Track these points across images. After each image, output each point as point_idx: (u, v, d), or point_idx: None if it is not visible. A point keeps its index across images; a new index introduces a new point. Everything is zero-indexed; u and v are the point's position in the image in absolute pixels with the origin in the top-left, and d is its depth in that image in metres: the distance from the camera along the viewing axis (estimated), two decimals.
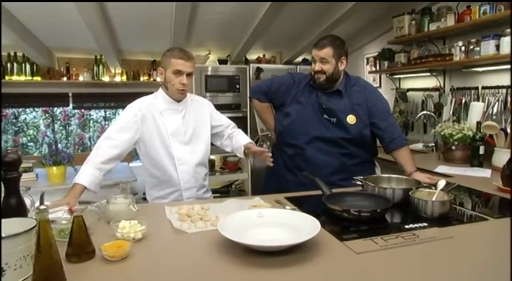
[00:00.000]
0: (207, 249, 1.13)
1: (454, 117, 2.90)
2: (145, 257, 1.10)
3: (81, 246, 1.06)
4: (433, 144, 3.02)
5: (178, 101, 1.87)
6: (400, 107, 3.57)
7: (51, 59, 4.15)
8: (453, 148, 2.43)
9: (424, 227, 1.24)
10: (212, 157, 4.58)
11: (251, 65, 4.31)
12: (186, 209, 1.50)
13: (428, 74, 3.20)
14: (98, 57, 4.24)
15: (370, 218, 1.30)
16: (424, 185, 1.59)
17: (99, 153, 1.74)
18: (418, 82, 3.46)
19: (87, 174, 1.67)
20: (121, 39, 3.94)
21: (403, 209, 1.44)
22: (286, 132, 2.09)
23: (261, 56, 4.71)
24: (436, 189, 1.44)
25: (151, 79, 4.47)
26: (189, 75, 1.79)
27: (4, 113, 4.94)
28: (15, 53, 3.90)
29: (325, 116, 1.99)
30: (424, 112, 3.19)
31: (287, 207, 1.47)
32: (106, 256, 1.05)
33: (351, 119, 1.97)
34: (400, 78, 3.67)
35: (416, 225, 1.25)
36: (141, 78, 4.51)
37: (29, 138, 5.32)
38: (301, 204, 1.55)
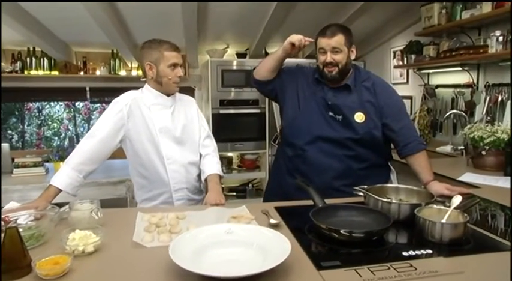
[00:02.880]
0: (162, 269, 0.96)
1: (488, 118, 2.56)
2: (88, 275, 0.96)
3: (14, 261, 0.93)
4: (463, 147, 2.68)
5: (168, 95, 1.74)
6: (428, 105, 3.23)
7: (68, 53, 4.16)
8: (483, 153, 2.12)
9: (428, 255, 1.01)
10: (230, 154, 4.46)
11: None
12: (159, 217, 1.35)
13: (460, 68, 2.85)
14: (115, 51, 4.20)
15: (363, 239, 1.09)
16: (438, 200, 1.33)
17: (79, 152, 1.63)
18: (449, 78, 3.12)
19: (63, 176, 1.57)
20: (135, 33, 3.86)
21: (409, 229, 1.20)
22: (287, 129, 1.90)
23: None
24: (450, 206, 1.19)
25: None
26: (181, 66, 1.70)
27: (28, 107, 5.07)
28: (33, 48, 3.93)
29: (330, 113, 1.77)
30: (454, 111, 2.85)
31: (271, 220, 1.27)
32: (39, 274, 0.91)
33: (358, 117, 1.74)
34: (428, 74, 3.33)
35: (418, 252, 1.02)
36: None
37: (52, 131, 5.44)
38: (290, 217, 1.35)
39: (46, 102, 5.15)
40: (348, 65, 1.72)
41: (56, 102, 5.21)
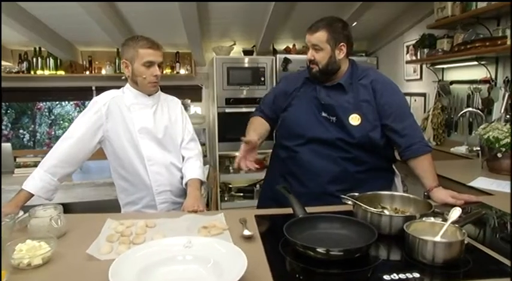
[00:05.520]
0: None
1: (507, 116, 2.33)
2: None
3: None
4: (479, 148, 2.46)
5: (149, 95, 1.64)
6: (442, 103, 3.02)
7: (74, 53, 4.15)
8: (499, 155, 1.91)
9: (415, 280, 0.85)
10: (237, 154, 4.33)
11: (278, 55, 3.97)
12: (127, 225, 1.25)
13: (476, 62, 2.62)
14: (120, 50, 4.16)
15: (343, 258, 0.94)
16: (436, 211, 1.17)
17: (54, 155, 1.56)
18: (464, 73, 2.89)
19: (36, 179, 1.50)
20: (138, 32, 3.80)
21: (401, 246, 1.03)
22: (280, 130, 1.77)
23: (290, 46, 4.34)
24: (448, 219, 1.02)
25: (175, 72, 4.32)
26: (159, 65, 1.62)
27: (39, 107, 5.11)
28: (39, 48, 3.93)
29: (324, 114, 1.63)
30: (469, 109, 2.63)
31: (245, 232, 1.14)
32: None
33: (354, 119, 1.58)
34: (443, 69, 3.10)
35: (403, 276, 0.87)
36: (164, 71, 4.36)
37: (63, 130, 5.48)
38: (268, 227, 1.23)
39: (57, 102, 5.17)
40: (330, 64, 1.58)
41: (66, 102, 5.23)
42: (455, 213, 1.01)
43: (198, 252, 0.92)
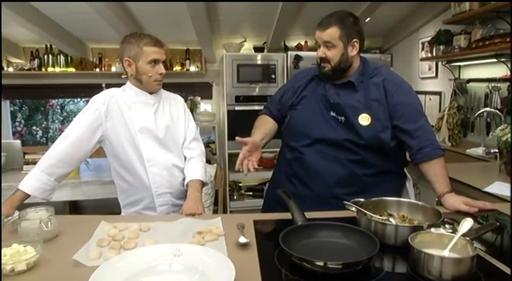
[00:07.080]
0: None
1: None
2: None
3: None
4: (497, 150, 2.34)
5: (151, 93, 1.61)
6: (458, 102, 2.89)
7: (84, 50, 4.16)
8: None
9: None
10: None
11: (289, 52, 3.88)
12: (120, 228, 1.21)
13: (495, 60, 2.49)
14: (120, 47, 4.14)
15: (341, 271, 0.87)
16: (446, 220, 1.08)
17: (51, 154, 1.53)
18: (482, 71, 2.75)
19: (32, 179, 1.48)
20: (147, 30, 3.77)
21: (406, 258, 0.96)
22: (286, 130, 1.71)
23: (302, 42, 4.24)
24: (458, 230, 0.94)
25: (185, 69, 4.29)
26: (163, 63, 1.58)
27: (51, 103, 5.16)
28: (50, 45, 3.96)
29: (332, 113, 1.56)
30: (487, 109, 2.50)
31: (240, 239, 1.08)
32: None
33: (363, 119, 1.50)
34: (459, 67, 2.97)
35: None
36: (174, 68, 4.34)
37: None
38: (266, 234, 1.17)
39: (69, 99, 5.22)
40: (343, 62, 1.51)
41: (79, 99, 5.27)
42: (466, 225, 0.92)
43: (186, 261, 0.87)
